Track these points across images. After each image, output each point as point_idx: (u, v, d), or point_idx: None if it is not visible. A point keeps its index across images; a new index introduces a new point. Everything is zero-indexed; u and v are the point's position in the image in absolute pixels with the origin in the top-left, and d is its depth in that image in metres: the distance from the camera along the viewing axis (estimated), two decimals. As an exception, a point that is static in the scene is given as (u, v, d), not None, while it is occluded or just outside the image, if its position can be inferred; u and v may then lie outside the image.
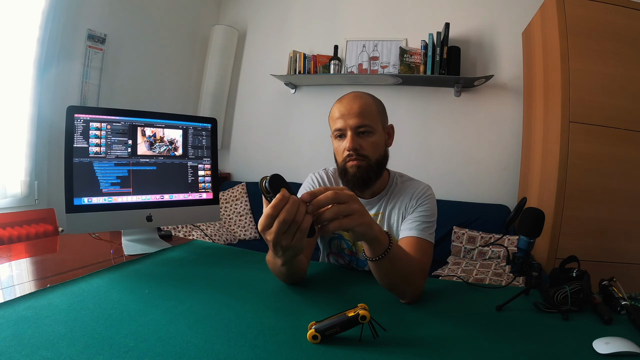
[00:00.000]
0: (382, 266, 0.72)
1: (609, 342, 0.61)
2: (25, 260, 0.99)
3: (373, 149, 0.93)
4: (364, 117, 0.91)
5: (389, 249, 0.70)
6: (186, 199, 1.13)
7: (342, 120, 0.92)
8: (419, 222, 0.92)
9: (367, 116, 0.92)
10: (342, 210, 0.61)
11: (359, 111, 0.91)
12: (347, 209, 0.62)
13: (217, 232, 2.40)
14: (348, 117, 0.91)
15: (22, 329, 0.57)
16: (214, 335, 0.60)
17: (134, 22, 2.37)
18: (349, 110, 0.92)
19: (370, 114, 0.93)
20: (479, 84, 2.46)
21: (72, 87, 2.01)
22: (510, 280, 1.06)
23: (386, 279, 0.75)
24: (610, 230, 1.78)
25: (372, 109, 0.94)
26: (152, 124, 1.07)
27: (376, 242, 0.68)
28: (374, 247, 0.69)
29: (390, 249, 0.70)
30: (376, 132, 0.94)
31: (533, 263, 0.79)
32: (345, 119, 0.91)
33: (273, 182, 0.59)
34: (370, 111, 0.93)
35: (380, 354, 0.57)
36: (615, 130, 1.76)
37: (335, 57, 2.66)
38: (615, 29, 1.77)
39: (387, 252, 0.69)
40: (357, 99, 0.94)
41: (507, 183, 2.46)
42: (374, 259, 0.70)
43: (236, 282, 0.85)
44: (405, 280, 0.76)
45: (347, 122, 0.91)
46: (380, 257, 0.69)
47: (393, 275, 0.74)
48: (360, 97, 0.95)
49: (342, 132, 0.93)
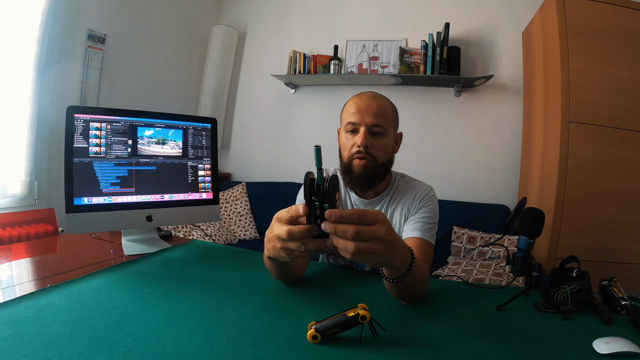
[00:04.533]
0: (397, 285, 0.68)
1: (609, 342, 0.61)
2: (25, 260, 0.99)
3: (382, 151, 0.93)
4: (380, 118, 0.91)
5: (409, 272, 0.65)
6: (186, 199, 1.13)
7: (358, 115, 0.91)
8: (423, 223, 0.92)
9: (384, 118, 0.92)
10: (363, 251, 0.54)
11: (377, 111, 0.91)
12: (369, 249, 0.54)
13: (217, 232, 2.40)
14: (365, 114, 0.91)
15: (22, 329, 0.57)
16: (214, 335, 0.60)
17: (134, 22, 2.37)
18: (368, 107, 0.91)
19: (386, 116, 0.93)
20: (479, 84, 2.46)
21: (72, 87, 2.01)
22: (510, 280, 1.06)
23: (397, 293, 0.73)
24: (610, 230, 1.78)
25: (388, 112, 0.95)
26: (152, 124, 1.07)
27: (395, 269, 0.64)
28: (392, 272, 0.66)
29: (410, 271, 0.65)
30: (388, 135, 0.94)
31: (533, 263, 0.79)
32: (362, 115, 0.91)
33: (332, 185, 0.52)
34: (386, 113, 0.94)
35: (380, 354, 0.57)
36: (615, 130, 1.76)
37: (335, 57, 2.66)
38: (615, 29, 1.77)
39: (406, 275, 0.65)
40: (376, 98, 0.94)
41: (507, 183, 2.46)
42: (391, 280, 0.67)
43: (236, 282, 0.85)
44: (416, 294, 0.75)
45: (364, 118, 0.91)
46: (398, 280, 0.66)
47: (406, 291, 0.73)
48: (380, 98, 0.95)
49: (355, 127, 0.92)
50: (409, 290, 0.73)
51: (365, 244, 0.53)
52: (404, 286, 0.69)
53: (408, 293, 0.74)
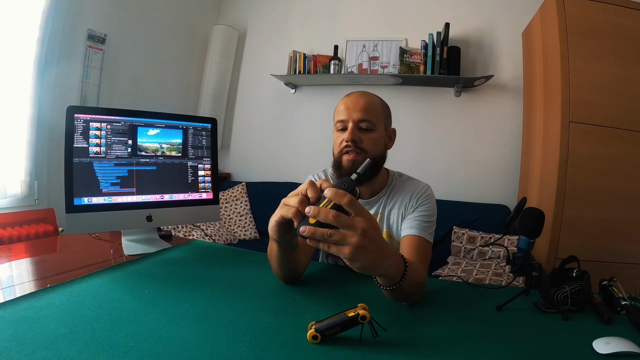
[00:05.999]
0: (391, 292, 0.69)
1: (609, 342, 0.61)
2: (25, 260, 0.99)
3: (372, 145, 0.94)
4: (367, 113, 0.93)
5: (402, 281, 0.65)
6: (186, 199, 1.13)
7: (345, 112, 0.94)
8: (420, 222, 0.93)
9: (371, 113, 0.94)
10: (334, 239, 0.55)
11: (364, 107, 0.93)
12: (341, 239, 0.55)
13: (217, 232, 2.40)
14: (352, 111, 0.93)
15: (22, 329, 0.57)
16: (214, 335, 0.60)
17: (134, 22, 2.37)
18: (355, 104, 0.94)
19: (374, 111, 0.95)
20: (479, 84, 2.46)
21: (72, 87, 2.01)
22: (510, 280, 1.05)
23: (392, 297, 0.74)
24: (610, 230, 1.78)
25: (377, 107, 0.96)
26: (152, 124, 1.07)
27: (386, 277, 0.64)
28: (384, 280, 0.66)
29: (403, 280, 0.65)
30: (377, 130, 0.95)
31: (533, 263, 0.79)
32: (349, 112, 0.93)
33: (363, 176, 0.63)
34: (374, 109, 0.95)
35: (380, 354, 0.57)
36: (615, 130, 1.76)
37: (335, 57, 2.66)
38: (615, 29, 1.77)
39: (400, 283, 0.66)
40: (364, 95, 0.96)
41: (507, 183, 2.46)
42: (384, 288, 0.67)
43: (236, 282, 0.85)
44: (412, 297, 0.75)
45: (351, 115, 0.93)
46: (392, 288, 0.66)
47: (401, 296, 0.73)
48: (368, 95, 0.97)
49: (344, 125, 0.94)
50: (404, 295, 0.73)
51: (338, 232, 0.55)
52: (398, 293, 0.69)
53: (404, 297, 0.74)
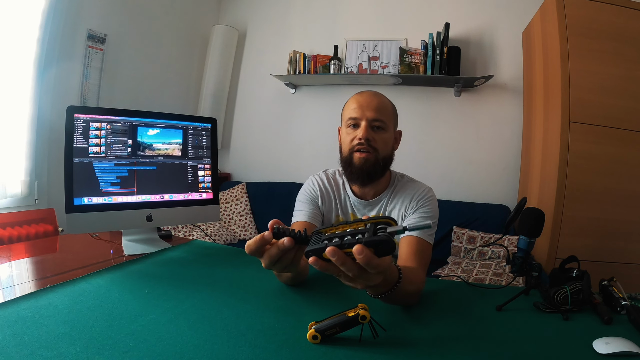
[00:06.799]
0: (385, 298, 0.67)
1: (609, 342, 0.61)
2: (25, 260, 0.99)
3: (383, 145, 0.95)
4: (380, 113, 0.94)
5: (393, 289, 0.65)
6: (186, 199, 1.13)
7: (359, 110, 0.94)
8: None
9: (383, 113, 0.95)
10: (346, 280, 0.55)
11: (378, 106, 0.94)
12: (352, 281, 0.55)
13: (217, 232, 2.40)
14: (366, 109, 0.94)
15: (22, 329, 0.57)
16: (214, 335, 0.60)
17: (134, 22, 2.37)
18: (368, 103, 0.94)
19: (386, 111, 0.96)
20: (479, 84, 2.46)
21: (72, 87, 2.01)
22: (510, 280, 1.06)
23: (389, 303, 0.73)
24: (610, 230, 1.78)
25: (388, 108, 0.98)
26: (152, 124, 1.07)
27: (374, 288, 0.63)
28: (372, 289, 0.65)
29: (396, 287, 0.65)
30: (388, 130, 0.96)
31: (533, 263, 0.80)
32: (363, 110, 0.94)
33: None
34: (386, 109, 0.97)
35: (380, 354, 0.57)
36: (615, 130, 1.76)
37: (335, 57, 2.66)
38: (615, 29, 1.77)
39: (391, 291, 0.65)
40: (377, 95, 0.97)
41: (507, 183, 2.46)
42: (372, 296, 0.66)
43: (236, 282, 0.85)
44: (406, 303, 0.75)
45: (365, 113, 0.93)
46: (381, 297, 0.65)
47: (396, 302, 0.73)
48: (380, 95, 0.98)
49: (356, 122, 0.95)
50: (397, 302, 0.73)
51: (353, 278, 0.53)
52: (389, 300, 0.68)
53: (400, 303, 0.74)
